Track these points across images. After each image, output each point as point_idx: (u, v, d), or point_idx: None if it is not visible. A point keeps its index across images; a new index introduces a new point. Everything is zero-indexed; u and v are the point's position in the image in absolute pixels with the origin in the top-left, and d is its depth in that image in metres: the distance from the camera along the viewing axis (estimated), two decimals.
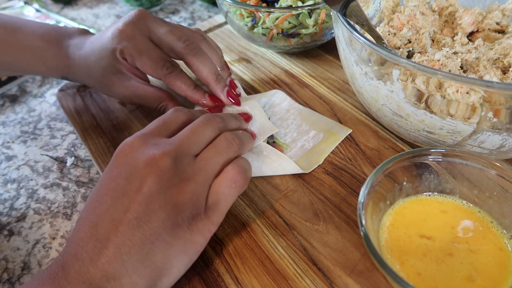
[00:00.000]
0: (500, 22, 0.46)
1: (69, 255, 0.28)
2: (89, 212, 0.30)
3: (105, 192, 0.30)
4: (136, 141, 0.32)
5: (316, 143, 0.45)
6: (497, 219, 0.34)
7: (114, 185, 0.30)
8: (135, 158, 0.31)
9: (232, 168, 0.33)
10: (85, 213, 0.30)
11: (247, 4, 0.54)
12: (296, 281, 0.33)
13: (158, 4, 0.80)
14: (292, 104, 0.50)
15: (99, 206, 0.29)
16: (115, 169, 0.31)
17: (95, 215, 0.29)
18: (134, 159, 0.31)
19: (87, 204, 0.31)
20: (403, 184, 0.35)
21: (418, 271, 0.31)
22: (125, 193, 0.29)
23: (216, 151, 0.33)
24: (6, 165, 0.48)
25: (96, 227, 0.29)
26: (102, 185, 0.31)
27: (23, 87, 0.61)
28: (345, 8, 0.41)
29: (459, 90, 0.34)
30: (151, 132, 0.33)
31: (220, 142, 0.34)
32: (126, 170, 0.30)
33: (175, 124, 0.35)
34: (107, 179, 0.31)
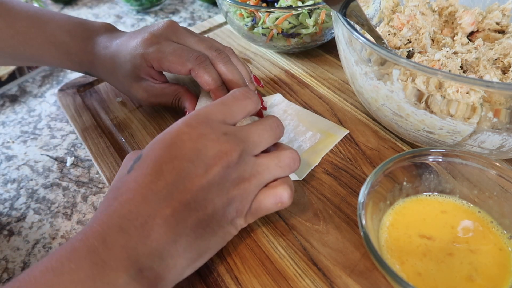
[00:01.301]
0: (500, 22, 0.46)
1: (112, 227, 0.26)
2: (140, 186, 0.28)
3: (166, 170, 0.29)
4: (204, 127, 0.31)
5: (313, 144, 0.45)
6: (497, 219, 0.34)
7: (178, 164, 0.29)
8: (204, 145, 0.30)
9: (284, 189, 0.33)
10: (134, 184, 0.28)
11: (247, 4, 0.54)
12: (296, 281, 0.33)
13: (158, 4, 0.80)
14: (290, 105, 0.50)
15: (156, 181, 0.28)
16: (179, 149, 0.29)
17: (150, 190, 0.28)
18: (203, 146, 0.30)
19: (135, 176, 0.29)
20: (403, 184, 0.35)
21: (418, 271, 0.31)
22: (189, 175, 0.29)
23: (278, 164, 0.33)
24: (6, 165, 0.48)
25: (149, 202, 0.27)
26: (159, 161, 0.29)
27: (23, 87, 0.61)
28: (345, 8, 0.41)
29: (459, 90, 0.34)
30: (218, 117, 0.32)
31: (286, 158, 0.33)
32: (193, 154, 0.29)
33: (241, 113, 0.34)
34: (168, 157, 0.29)
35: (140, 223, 0.27)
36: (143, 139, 0.48)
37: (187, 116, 0.32)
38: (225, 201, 0.30)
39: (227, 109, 0.33)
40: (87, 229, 0.27)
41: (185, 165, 0.29)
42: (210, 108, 0.33)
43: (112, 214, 0.27)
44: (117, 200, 0.28)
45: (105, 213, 0.28)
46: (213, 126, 0.31)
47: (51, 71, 0.64)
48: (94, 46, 0.47)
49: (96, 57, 0.47)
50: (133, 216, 0.27)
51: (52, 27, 0.47)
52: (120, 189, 0.29)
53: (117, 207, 0.28)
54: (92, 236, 0.26)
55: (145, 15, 0.79)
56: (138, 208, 0.27)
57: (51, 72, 0.64)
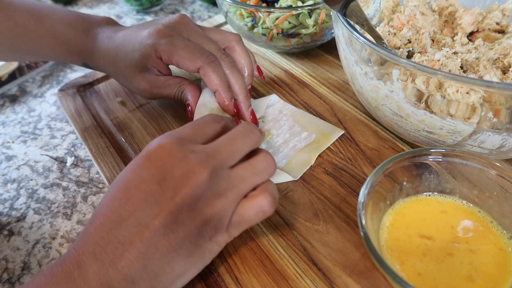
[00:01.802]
0: (500, 22, 0.46)
1: (86, 253, 0.27)
2: (111, 210, 0.28)
3: (133, 193, 0.28)
4: (173, 146, 0.30)
5: (307, 144, 0.45)
6: (497, 219, 0.34)
7: (144, 188, 0.29)
8: (171, 165, 0.29)
9: (264, 198, 0.32)
10: (105, 209, 0.29)
11: (247, 4, 0.54)
12: (296, 281, 0.33)
13: (158, 4, 0.80)
14: (285, 105, 0.50)
15: (125, 206, 0.28)
16: (146, 170, 0.29)
17: (119, 216, 0.28)
18: (170, 166, 0.29)
19: (108, 200, 0.29)
20: (403, 184, 0.35)
21: (418, 271, 0.31)
22: (157, 200, 0.28)
23: (254, 172, 0.32)
24: (6, 165, 0.48)
25: (119, 228, 0.28)
26: (128, 184, 0.29)
27: (23, 87, 0.61)
28: (345, 8, 0.41)
29: (459, 90, 0.34)
30: (188, 136, 0.32)
31: (259, 163, 0.32)
32: (160, 176, 0.29)
33: (211, 131, 0.34)
34: (136, 180, 0.29)
35: (111, 249, 0.27)
36: (143, 139, 0.48)
37: (158, 137, 0.31)
38: (199, 222, 0.29)
39: (198, 129, 0.33)
40: (66, 254, 0.28)
41: (152, 188, 0.28)
42: (180, 129, 0.33)
43: (87, 240, 0.28)
44: (92, 225, 0.29)
45: (82, 238, 0.29)
46: (182, 143, 0.30)
47: (51, 71, 0.64)
48: (96, 36, 0.47)
49: (97, 47, 0.46)
50: (105, 243, 0.27)
51: (52, 19, 0.47)
52: (96, 213, 0.29)
53: (91, 232, 0.28)
54: (69, 261, 0.27)
55: (145, 15, 0.79)
56: (108, 234, 0.28)
57: (51, 72, 0.64)
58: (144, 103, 0.53)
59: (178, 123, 0.49)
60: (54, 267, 0.27)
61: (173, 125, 0.49)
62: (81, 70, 0.64)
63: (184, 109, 0.51)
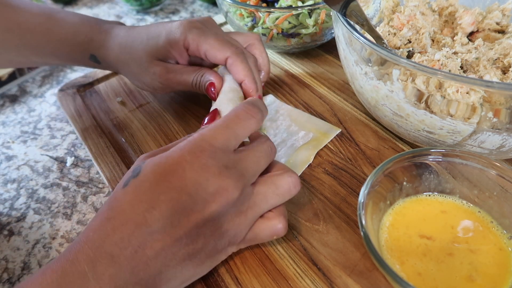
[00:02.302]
0: (500, 22, 0.46)
1: (103, 253, 0.26)
2: (135, 212, 0.27)
3: (162, 200, 0.28)
4: (208, 161, 0.29)
5: (305, 143, 0.45)
6: (497, 219, 0.34)
7: (174, 196, 0.28)
8: (205, 178, 0.29)
9: (279, 221, 0.32)
10: (129, 209, 0.28)
11: (247, 4, 0.54)
12: (296, 281, 0.33)
13: (158, 4, 0.80)
14: (282, 105, 0.50)
15: (151, 210, 0.27)
16: (178, 180, 0.28)
17: (144, 219, 0.27)
18: (204, 180, 0.29)
19: (133, 200, 0.28)
20: (403, 184, 0.35)
21: (418, 271, 0.31)
22: (185, 210, 0.28)
23: (276, 192, 0.32)
24: (6, 165, 0.48)
25: (141, 233, 0.27)
26: (156, 189, 0.28)
27: (23, 87, 0.61)
28: (345, 8, 0.41)
29: (459, 90, 0.34)
30: (221, 145, 0.30)
31: (284, 184, 0.32)
32: (193, 187, 0.28)
33: (245, 133, 0.33)
34: (166, 186, 0.28)
35: (130, 253, 0.27)
36: (143, 139, 0.48)
37: (191, 140, 0.30)
38: (218, 236, 0.30)
39: (231, 132, 0.32)
40: (77, 248, 0.27)
41: (183, 199, 0.28)
42: (214, 133, 0.31)
43: (105, 239, 0.27)
44: (110, 223, 0.28)
45: (98, 235, 0.27)
46: (216, 156, 0.30)
47: (51, 71, 0.64)
48: (112, 28, 0.47)
49: (113, 35, 0.46)
50: (124, 245, 0.27)
51: (62, 14, 0.47)
52: (114, 209, 0.28)
53: (109, 232, 0.27)
54: (84, 260, 0.26)
55: (145, 15, 0.79)
56: (129, 237, 0.27)
57: (51, 72, 0.64)
58: (144, 103, 0.53)
59: (178, 123, 0.49)
60: (65, 264, 0.26)
61: (173, 125, 0.49)
62: (81, 70, 0.64)
63: (184, 109, 0.51)
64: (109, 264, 0.26)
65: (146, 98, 0.54)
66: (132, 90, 0.55)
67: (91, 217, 0.42)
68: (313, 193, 0.40)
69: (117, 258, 0.26)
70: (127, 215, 0.28)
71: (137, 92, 0.55)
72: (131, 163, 0.45)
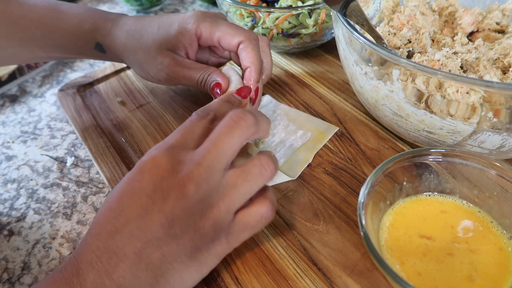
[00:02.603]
0: (500, 22, 0.46)
1: (84, 261, 0.28)
2: (106, 221, 0.29)
3: (127, 205, 0.29)
4: (162, 157, 0.30)
5: (304, 142, 0.45)
6: (497, 219, 0.34)
7: (136, 200, 0.29)
8: (160, 176, 0.29)
9: (263, 204, 0.31)
10: (101, 219, 0.29)
11: (247, 4, 0.54)
12: (296, 281, 0.33)
13: (158, 4, 0.80)
14: (278, 105, 0.50)
15: (119, 217, 0.28)
16: (138, 182, 0.29)
17: (114, 226, 0.28)
18: (159, 178, 0.29)
19: (105, 210, 0.29)
20: (403, 184, 0.35)
21: (418, 271, 0.31)
22: (147, 212, 0.28)
23: (246, 178, 0.30)
24: (6, 165, 0.48)
25: (113, 238, 0.28)
26: (122, 196, 0.29)
27: (23, 87, 0.61)
28: (345, 8, 0.41)
29: (459, 90, 0.34)
30: (178, 143, 0.31)
31: (253, 168, 0.31)
32: (150, 187, 0.29)
33: (199, 129, 0.32)
34: (128, 191, 0.29)
35: (105, 259, 0.27)
36: (143, 139, 0.48)
37: (155, 146, 0.31)
38: (193, 234, 0.29)
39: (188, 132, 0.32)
40: (68, 260, 0.29)
41: (143, 201, 0.28)
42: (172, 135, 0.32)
43: (85, 248, 0.28)
44: (90, 234, 0.29)
45: (81, 245, 0.29)
46: (172, 155, 0.30)
47: (51, 71, 0.64)
48: (120, 17, 0.47)
49: (118, 23, 0.46)
50: (100, 252, 0.28)
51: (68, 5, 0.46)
52: (93, 222, 0.30)
53: (88, 241, 0.29)
54: (70, 268, 0.28)
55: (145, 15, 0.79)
56: (104, 244, 0.28)
57: (51, 72, 0.64)
58: (144, 103, 0.53)
59: (178, 123, 0.49)
60: (56, 273, 0.28)
61: (173, 125, 0.49)
62: (81, 70, 0.64)
63: (184, 109, 0.51)
64: (89, 271, 0.27)
65: (146, 98, 0.54)
66: (132, 90, 0.55)
67: (91, 217, 0.42)
68: (313, 193, 0.40)
69: (95, 264, 0.28)
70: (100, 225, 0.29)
71: (137, 92, 0.55)
72: (131, 163, 0.45)
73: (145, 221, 0.28)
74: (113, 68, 0.59)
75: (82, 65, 0.65)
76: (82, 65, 0.65)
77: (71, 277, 0.27)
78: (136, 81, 0.57)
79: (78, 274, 0.27)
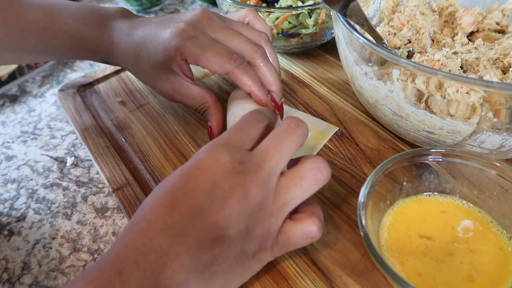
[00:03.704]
0: (500, 22, 0.46)
1: (127, 259, 0.26)
2: (156, 216, 0.27)
3: (181, 202, 0.28)
4: (222, 155, 0.29)
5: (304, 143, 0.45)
6: (497, 219, 0.34)
7: (192, 197, 0.28)
8: (220, 175, 0.28)
9: (312, 223, 0.30)
10: (150, 214, 0.28)
11: (247, 4, 0.54)
12: (296, 281, 0.33)
13: (158, 4, 0.80)
14: None
15: (171, 213, 0.27)
16: (194, 179, 0.28)
17: (165, 223, 0.27)
18: (219, 177, 0.28)
19: (154, 205, 0.28)
20: (403, 184, 0.35)
21: (418, 271, 0.31)
22: (204, 211, 0.27)
23: (300, 183, 0.29)
24: (6, 165, 0.48)
25: (164, 236, 0.27)
26: (176, 191, 0.28)
27: (23, 87, 0.61)
28: (345, 8, 0.41)
29: (459, 90, 0.34)
30: (235, 143, 0.30)
31: (307, 172, 0.30)
32: (208, 185, 0.28)
33: (256, 132, 0.32)
34: (183, 188, 0.28)
35: (153, 258, 0.26)
36: (143, 139, 0.48)
37: (210, 142, 0.31)
38: (244, 237, 0.28)
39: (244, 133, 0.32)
40: (106, 257, 0.27)
41: (200, 199, 0.27)
42: (227, 134, 0.31)
43: (128, 245, 0.27)
44: (134, 229, 0.28)
45: (122, 242, 0.27)
46: (231, 152, 0.29)
47: (51, 71, 0.64)
48: (112, 32, 0.45)
49: (116, 44, 0.44)
50: (147, 250, 0.26)
51: (64, 15, 0.45)
52: (137, 216, 0.28)
53: (133, 237, 0.27)
54: (109, 267, 0.26)
55: (145, 15, 0.79)
56: (152, 242, 0.26)
57: (51, 72, 0.64)
58: (144, 103, 0.53)
59: (178, 123, 0.49)
60: (93, 272, 0.26)
61: (173, 125, 0.49)
62: (81, 70, 0.64)
63: (184, 109, 0.51)
64: (134, 270, 0.26)
65: (146, 98, 0.54)
66: (132, 90, 0.55)
67: (91, 217, 0.42)
68: None
69: (141, 263, 0.26)
70: (148, 221, 0.27)
71: (137, 92, 0.55)
72: (131, 163, 0.45)
73: (201, 220, 0.27)
74: (113, 68, 0.59)
75: (82, 65, 0.65)
76: (82, 65, 0.65)
77: (111, 277, 0.25)
78: (136, 81, 0.57)
79: (121, 274, 0.26)
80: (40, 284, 0.36)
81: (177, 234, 0.27)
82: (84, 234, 0.40)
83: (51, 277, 0.37)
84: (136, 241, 0.27)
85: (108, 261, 0.27)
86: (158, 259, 0.26)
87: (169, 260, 0.26)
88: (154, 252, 0.26)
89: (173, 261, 0.26)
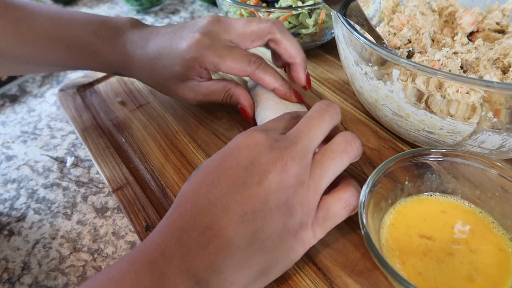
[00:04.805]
0: (500, 22, 0.46)
1: (171, 239, 0.27)
2: (198, 195, 0.28)
3: (223, 178, 0.29)
4: (259, 135, 0.30)
5: None
6: (499, 220, 0.34)
7: (233, 172, 0.29)
8: (259, 152, 0.29)
9: (348, 190, 0.32)
10: (191, 194, 0.29)
11: (247, 4, 0.54)
12: (296, 281, 0.33)
13: (158, 4, 0.80)
14: None
15: (213, 190, 0.28)
16: (234, 156, 0.30)
17: (207, 200, 0.28)
18: (258, 153, 0.29)
19: (194, 186, 0.29)
20: (405, 183, 0.35)
21: (418, 270, 0.31)
22: (245, 184, 0.28)
23: (332, 156, 0.31)
24: (6, 165, 0.48)
25: (207, 213, 0.27)
26: (216, 171, 0.29)
27: (23, 87, 0.61)
28: (345, 8, 0.41)
29: (459, 90, 0.34)
30: (269, 128, 0.33)
31: (337, 146, 0.31)
32: (247, 161, 0.29)
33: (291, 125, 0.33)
34: (223, 166, 0.29)
35: (196, 234, 0.27)
36: (143, 139, 0.48)
37: (247, 130, 0.32)
38: (284, 212, 0.29)
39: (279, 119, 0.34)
40: (148, 240, 0.28)
41: (240, 174, 0.29)
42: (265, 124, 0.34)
43: (170, 226, 0.28)
44: (176, 211, 0.28)
45: (164, 224, 0.28)
46: (267, 133, 0.31)
47: None
48: (125, 45, 0.45)
49: (129, 57, 0.45)
50: (190, 227, 0.27)
51: (75, 27, 0.45)
52: (178, 200, 0.29)
53: (175, 218, 0.28)
54: (152, 247, 0.27)
55: (145, 15, 0.79)
56: (194, 219, 0.27)
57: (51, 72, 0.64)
58: (144, 103, 0.53)
59: (178, 123, 0.49)
60: (136, 254, 0.27)
61: (173, 125, 0.49)
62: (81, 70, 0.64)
63: (184, 109, 0.51)
64: (176, 247, 0.26)
65: (146, 98, 0.54)
66: (132, 90, 0.55)
67: (91, 217, 0.42)
68: None
69: (184, 241, 0.26)
70: (190, 200, 0.28)
71: (137, 92, 0.55)
72: (131, 163, 0.45)
73: (243, 193, 0.28)
74: None
75: None
76: None
77: (154, 256, 0.26)
78: (136, 81, 0.57)
79: (164, 253, 0.26)
80: (40, 284, 0.36)
81: (219, 208, 0.27)
82: (84, 234, 0.40)
83: (51, 277, 0.37)
84: (179, 220, 0.27)
85: (150, 242, 0.27)
86: (202, 235, 0.27)
87: (213, 236, 0.27)
88: (197, 228, 0.27)
89: (217, 236, 0.27)
